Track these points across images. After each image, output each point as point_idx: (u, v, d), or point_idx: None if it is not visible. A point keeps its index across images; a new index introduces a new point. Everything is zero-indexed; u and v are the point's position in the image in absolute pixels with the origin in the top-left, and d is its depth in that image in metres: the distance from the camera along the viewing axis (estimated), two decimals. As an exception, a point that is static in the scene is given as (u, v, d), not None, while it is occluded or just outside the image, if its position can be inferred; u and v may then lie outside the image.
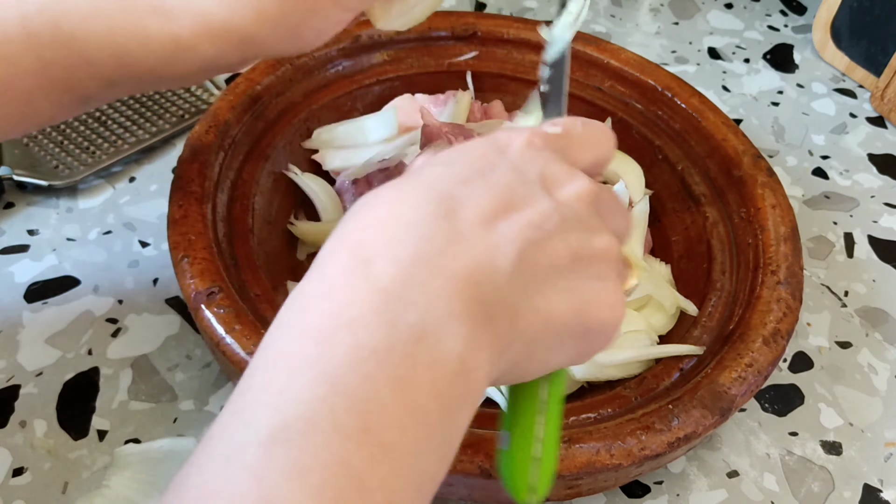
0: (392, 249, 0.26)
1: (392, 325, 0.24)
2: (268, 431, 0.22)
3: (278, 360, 0.24)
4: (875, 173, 0.66)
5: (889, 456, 0.49)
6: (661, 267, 0.52)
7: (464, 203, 0.27)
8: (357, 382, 0.23)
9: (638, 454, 0.39)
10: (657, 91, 0.59)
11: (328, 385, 0.23)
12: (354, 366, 0.23)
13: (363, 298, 0.25)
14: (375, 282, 0.25)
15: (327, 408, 0.23)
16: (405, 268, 0.25)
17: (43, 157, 0.58)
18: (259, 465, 0.22)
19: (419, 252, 0.26)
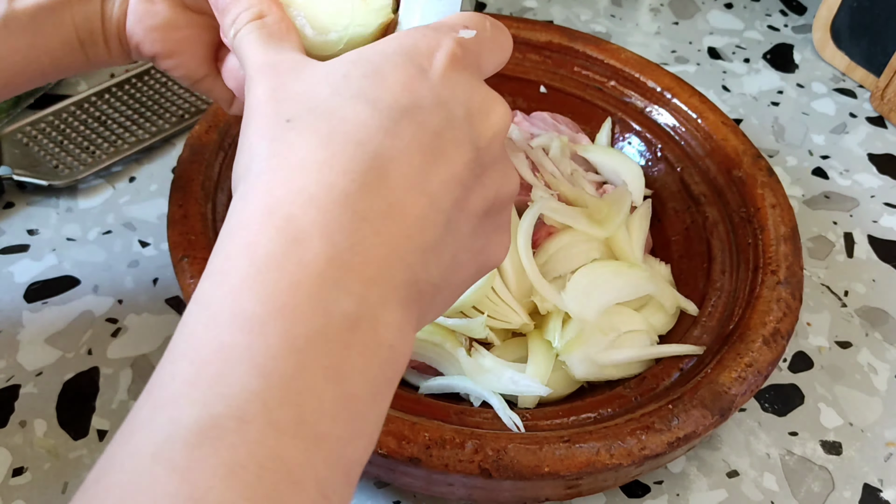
0: (326, 230, 0.24)
1: (326, 312, 0.23)
2: (196, 428, 0.21)
3: (205, 349, 0.23)
4: (875, 173, 0.66)
5: (889, 456, 0.49)
6: (662, 267, 0.52)
7: (394, 163, 0.26)
8: (291, 374, 0.22)
9: (638, 454, 0.39)
10: (657, 91, 0.59)
11: (261, 378, 0.22)
12: (288, 356, 0.22)
13: (296, 283, 0.23)
14: (309, 266, 0.23)
15: (260, 402, 0.22)
16: (340, 253, 0.24)
17: (43, 157, 0.58)
18: (188, 464, 0.21)
19: (353, 234, 0.24)
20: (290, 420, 0.22)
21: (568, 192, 0.53)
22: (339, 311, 0.23)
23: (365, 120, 0.26)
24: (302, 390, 0.22)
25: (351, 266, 0.24)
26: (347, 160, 0.25)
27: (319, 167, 0.25)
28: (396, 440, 0.38)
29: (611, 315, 0.47)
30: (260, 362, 0.22)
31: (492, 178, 0.29)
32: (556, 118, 0.60)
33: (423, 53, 0.28)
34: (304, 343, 0.23)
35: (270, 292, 0.23)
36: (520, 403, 0.45)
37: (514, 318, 0.46)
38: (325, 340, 0.23)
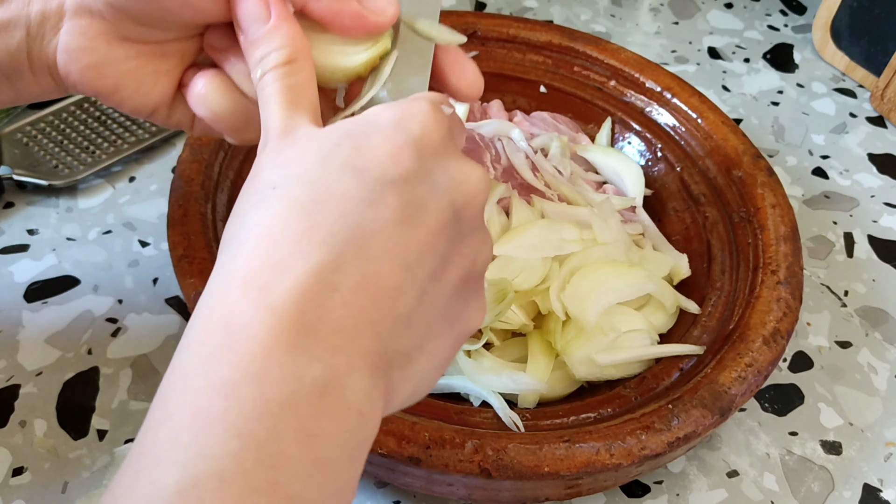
0: (298, 301, 0.25)
1: (297, 378, 0.24)
2: (177, 489, 0.22)
3: (183, 413, 0.23)
4: (875, 173, 0.66)
5: (889, 456, 0.49)
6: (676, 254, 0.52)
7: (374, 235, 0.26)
8: (266, 437, 0.23)
9: (638, 454, 0.39)
10: (657, 91, 0.59)
11: (238, 440, 0.23)
12: (263, 420, 0.23)
13: (268, 351, 0.24)
14: (281, 335, 0.24)
15: (237, 463, 0.22)
16: (310, 322, 0.25)
17: (43, 157, 0.58)
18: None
19: (324, 304, 0.25)
20: (265, 482, 0.23)
21: (568, 192, 0.53)
22: (309, 377, 0.24)
23: (349, 191, 0.27)
24: (276, 453, 0.23)
25: (320, 335, 0.25)
26: (327, 232, 0.26)
27: (298, 238, 0.26)
28: (396, 440, 0.38)
29: (611, 315, 0.47)
30: (236, 425, 0.23)
31: (469, 247, 0.30)
32: (556, 118, 0.60)
33: (414, 121, 0.29)
34: (277, 407, 0.23)
35: (244, 359, 0.24)
36: (520, 403, 0.45)
37: (514, 319, 0.46)
38: (297, 405, 0.24)
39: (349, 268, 0.26)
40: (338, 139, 0.28)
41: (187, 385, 0.24)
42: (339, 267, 0.26)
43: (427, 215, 0.28)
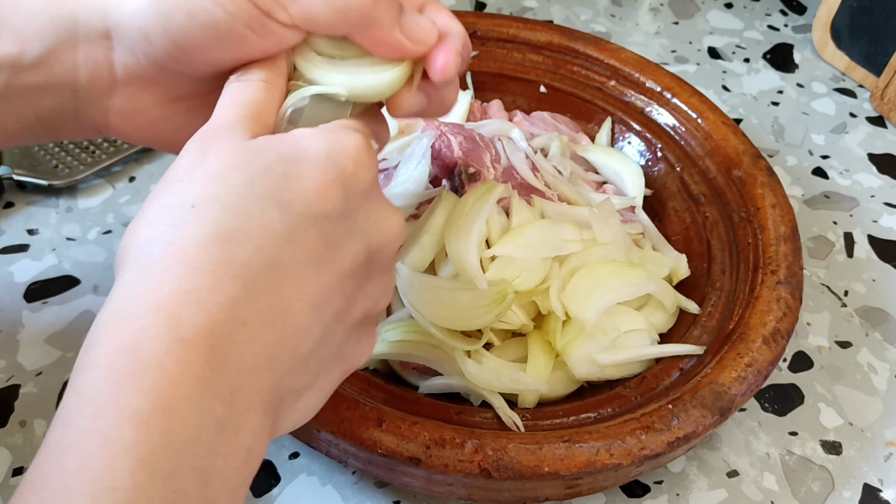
0: (208, 334, 0.25)
1: (201, 414, 0.24)
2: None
3: (92, 443, 0.23)
4: (875, 173, 0.66)
5: (889, 456, 0.49)
6: (676, 254, 0.52)
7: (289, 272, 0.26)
8: (170, 472, 0.23)
9: (638, 454, 0.39)
10: (657, 91, 0.59)
11: (145, 474, 0.22)
12: (169, 454, 0.23)
13: (177, 382, 0.24)
14: (189, 368, 0.24)
15: (144, 498, 0.22)
16: (216, 356, 0.25)
17: (43, 157, 0.58)
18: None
19: (231, 339, 0.25)
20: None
21: (568, 192, 0.53)
22: (212, 413, 0.24)
23: (270, 224, 0.26)
24: (179, 490, 0.23)
25: (225, 370, 0.25)
26: (242, 265, 0.26)
27: (213, 269, 0.25)
28: (396, 440, 0.38)
29: (611, 315, 0.47)
30: (144, 457, 0.23)
31: (375, 288, 0.30)
32: (556, 118, 0.60)
33: (346, 156, 0.29)
34: (181, 443, 0.23)
35: (154, 391, 0.24)
36: (520, 403, 0.45)
37: (514, 319, 0.46)
38: (198, 442, 0.24)
39: (260, 304, 0.26)
40: (266, 163, 0.27)
41: (94, 411, 0.23)
42: (250, 302, 0.26)
43: (342, 256, 0.28)
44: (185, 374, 0.24)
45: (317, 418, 0.39)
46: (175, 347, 0.24)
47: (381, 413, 0.39)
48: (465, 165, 0.50)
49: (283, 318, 0.26)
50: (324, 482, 0.45)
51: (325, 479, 0.45)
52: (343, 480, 0.45)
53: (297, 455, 0.46)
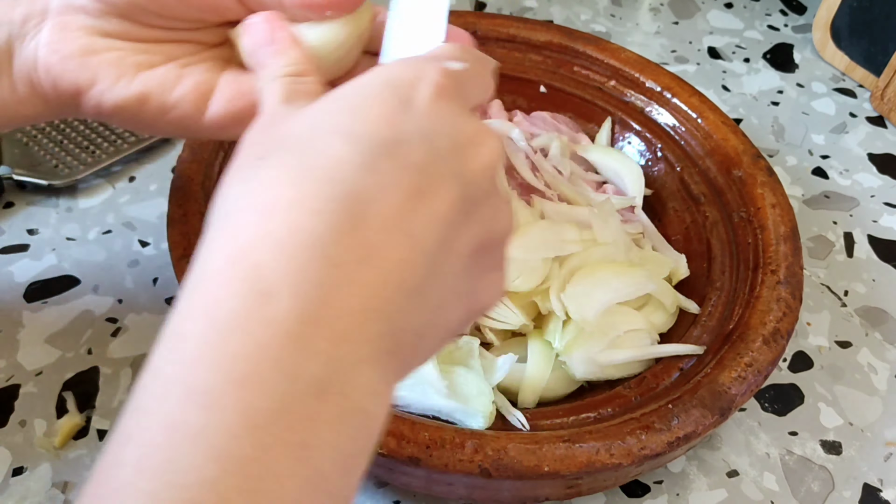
0: (295, 280, 0.22)
1: (292, 380, 0.21)
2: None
3: (155, 429, 0.20)
4: (875, 173, 0.66)
5: (889, 455, 0.49)
6: (676, 255, 0.52)
7: (372, 202, 0.24)
8: (249, 456, 0.20)
9: (638, 454, 0.39)
10: (657, 91, 0.59)
11: (216, 463, 0.20)
12: (247, 435, 0.20)
13: (260, 346, 0.21)
14: (275, 324, 0.21)
15: (215, 493, 0.20)
16: (310, 306, 0.22)
17: (43, 157, 0.58)
18: None
19: (325, 283, 0.22)
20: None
21: (568, 192, 0.53)
22: (307, 376, 0.21)
23: (342, 155, 0.24)
24: (263, 475, 0.20)
25: (322, 321, 0.22)
26: (320, 199, 0.23)
27: (289, 207, 0.23)
28: (396, 440, 0.38)
29: (611, 314, 0.47)
30: (215, 444, 0.20)
31: (482, 216, 0.27)
32: (556, 118, 0.60)
33: (408, 84, 0.27)
34: (266, 419, 0.21)
35: (230, 359, 0.21)
36: (520, 403, 0.45)
37: (514, 319, 0.46)
38: (290, 413, 0.21)
39: (349, 240, 0.23)
40: (327, 106, 0.26)
41: (161, 391, 0.21)
42: (336, 238, 0.23)
43: (430, 183, 0.25)
44: (271, 335, 0.21)
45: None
46: (255, 303, 0.21)
47: (381, 413, 0.39)
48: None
49: (379, 252, 0.23)
50: (324, 482, 0.45)
51: (325, 479, 0.45)
52: (343, 480, 0.45)
53: (297, 455, 0.46)
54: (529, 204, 0.50)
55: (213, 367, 0.21)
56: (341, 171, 0.24)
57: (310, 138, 0.25)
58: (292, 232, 0.22)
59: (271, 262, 0.22)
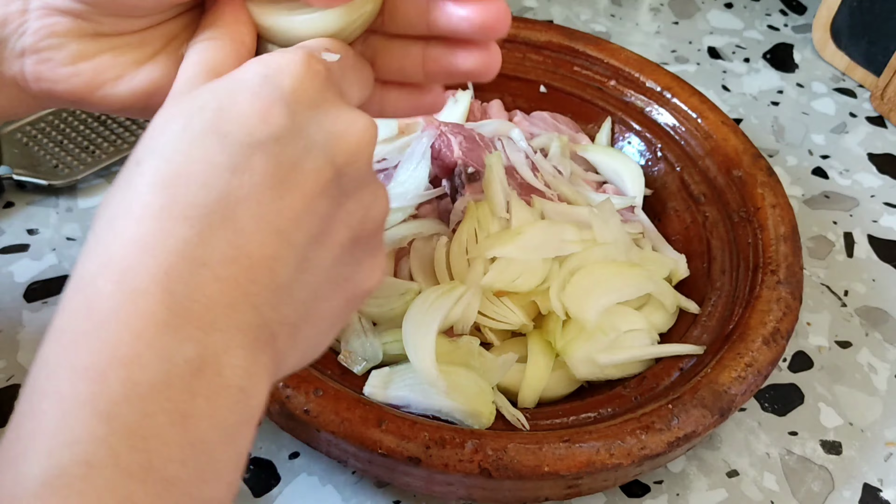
0: (164, 279, 0.24)
1: (168, 359, 0.23)
2: (43, 479, 0.21)
3: (48, 401, 0.22)
4: (875, 173, 0.66)
5: (889, 455, 0.49)
6: (675, 255, 0.52)
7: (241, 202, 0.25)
8: (136, 419, 0.22)
9: (638, 454, 0.39)
10: (657, 91, 0.59)
11: (105, 424, 0.21)
12: (131, 402, 0.22)
13: (136, 334, 0.23)
14: (148, 316, 0.23)
15: (106, 447, 0.21)
16: (179, 301, 0.23)
17: (43, 157, 0.58)
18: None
19: (192, 280, 0.24)
20: (137, 465, 0.22)
21: (568, 192, 0.53)
22: (182, 356, 0.23)
23: (212, 158, 0.25)
24: (148, 436, 0.22)
25: (191, 312, 0.24)
26: (188, 205, 0.24)
27: (158, 214, 0.24)
28: (396, 440, 0.38)
29: (611, 314, 0.47)
30: (103, 409, 0.22)
31: (357, 203, 0.28)
32: (556, 118, 0.60)
33: (283, 74, 0.27)
34: (147, 390, 0.22)
35: (110, 344, 0.23)
36: (520, 403, 0.45)
37: (514, 319, 0.46)
38: (169, 386, 0.23)
39: (216, 241, 0.24)
40: (202, 102, 0.26)
41: (50, 373, 0.23)
42: (204, 241, 0.24)
43: (301, 176, 0.26)
44: (144, 324, 0.23)
45: (317, 418, 0.39)
46: (129, 300, 0.23)
47: (382, 413, 0.39)
48: (465, 165, 0.50)
49: (247, 250, 0.25)
50: (324, 482, 0.45)
51: (325, 479, 0.45)
52: (343, 480, 0.45)
53: (297, 455, 0.46)
54: (529, 204, 0.50)
55: (96, 351, 0.23)
56: (212, 175, 0.25)
57: (184, 142, 0.25)
58: (160, 237, 0.24)
59: (139, 266, 0.24)
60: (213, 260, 0.24)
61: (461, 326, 0.45)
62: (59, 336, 0.23)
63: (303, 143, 0.26)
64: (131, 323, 0.23)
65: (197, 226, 0.24)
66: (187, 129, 0.26)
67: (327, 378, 0.41)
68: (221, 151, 0.25)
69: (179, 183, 0.25)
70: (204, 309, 0.24)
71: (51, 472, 0.21)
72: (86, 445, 0.21)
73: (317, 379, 0.40)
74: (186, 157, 0.25)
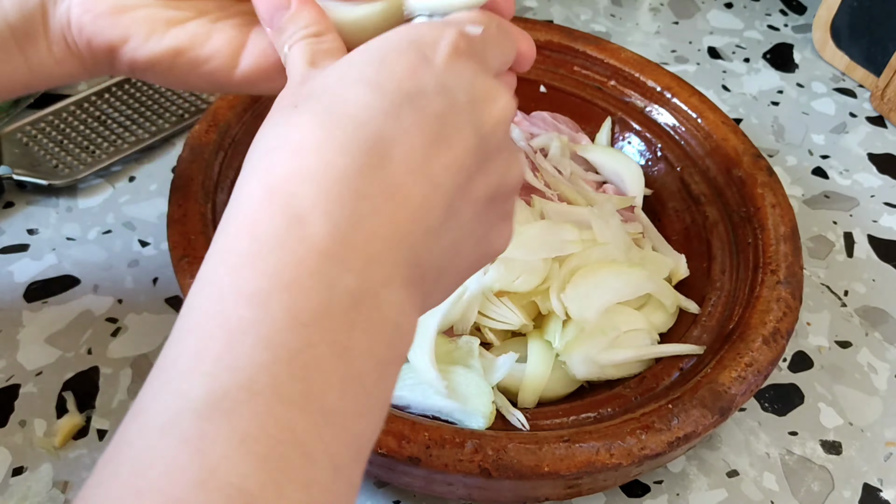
0: (327, 207, 0.24)
1: (330, 288, 0.23)
2: (206, 400, 0.21)
3: (211, 324, 0.23)
4: (875, 173, 0.66)
5: (889, 455, 0.49)
6: (675, 255, 0.52)
7: (396, 145, 0.26)
8: (297, 348, 0.22)
9: (638, 453, 0.39)
10: (657, 91, 0.59)
11: (268, 351, 0.22)
12: (294, 330, 0.23)
13: (299, 260, 0.23)
14: (311, 243, 0.24)
15: (268, 375, 0.22)
16: (341, 230, 0.24)
17: (43, 157, 0.58)
18: (199, 435, 0.21)
19: (354, 211, 0.24)
20: (298, 393, 0.22)
21: (568, 192, 0.53)
22: (343, 287, 0.24)
23: (367, 102, 0.26)
24: (309, 364, 0.22)
25: (353, 243, 0.24)
26: (347, 140, 0.25)
27: (319, 146, 0.25)
28: (396, 440, 0.38)
29: (611, 314, 0.47)
30: (266, 336, 0.22)
31: (496, 166, 0.29)
32: (556, 118, 0.60)
33: (428, 43, 0.29)
34: (310, 318, 0.23)
35: (273, 269, 0.23)
36: (520, 403, 0.45)
37: (514, 319, 0.46)
38: (330, 316, 0.23)
39: (374, 177, 0.25)
40: (353, 59, 0.28)
41: (214, 294, 0.23)
42: (364, 175, 0.25)
43: (448, 132, 0.27)
44: (307, 251, 0.23)
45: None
46: (292, 225, 0.24)
47: (381, 413, 0.39)
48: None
49: (402, 190, 0.26)
50: (324, 482, 0.45)
51: (325, 479, 0.45)
52: (343, 480, 0.45)
53: (297, 455, 0.46)
54: (529, 204, 0.50)
55: (259, 274, 0.23)
56: (367, 116, 0.26)
57: (337, 88, 0.27)
58: (322, 167, 0.25)
59: (305, 191, 0.24)
60: (373, 193, 0.25)
61: (461, 326, 0.45)
62: (226, 256, 0.24)
63: (447, 101, 0.28)
64: (295, 249, 0.23)
65: (358, 160, 0.25)
66: (342, 79, 0.27)
67: (327, 378, 0.41)
68: (374, 97, 0.26)
69: (337, 121, 0.26)
70: (365, 241, 0.24)
71: (214, 395, 0.21)
72: (249, 372, 0.22)
73: (317, 379, 0.40)
74: (343, 100, 0.26)
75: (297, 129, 0.26)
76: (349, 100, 0.26)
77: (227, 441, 0.21)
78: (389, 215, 0.25)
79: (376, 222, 0.25)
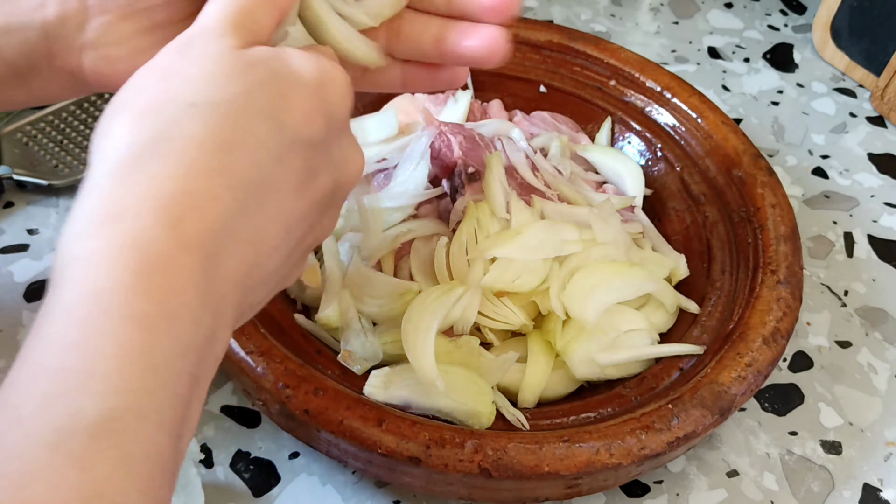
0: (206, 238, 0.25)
1: (196, 324, 0.24)
2: (99, 420, 0.22)
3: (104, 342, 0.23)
4: (875, 173, 0.66)
5: (889, 455, 0.49)
6: (675, 255, 0.52)
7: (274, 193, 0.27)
8: (174, 378, 0.24)
9: (637, 453, 0.39)
10: (657, 91, 0.59)
11: (155, 378, 0.23)
12: (174, 360, 0.24)
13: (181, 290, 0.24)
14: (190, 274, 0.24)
15: (155, 400, 0.23)
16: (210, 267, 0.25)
17: (43, 157, 0.58)
18: (87, 454, 0.21)
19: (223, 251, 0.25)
20: (174, 421, 0.24)
21: (568, 192, 0.53)
22: (204, 324, 0.25)
23: (266, 141, 0.27)
24: (178, 394, 0.24)
25: (213, 282, 0.25)
26: (238, 177, 0.26)
27: (212, 176, 0.25)
28: (396, 440, 0.38)
29: (611, 315, 0.47)
30: (155, 362, 0.23)
31: (329, 220, 0.32)
32: (556, 118, 0.60)
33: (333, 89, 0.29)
34: (183, 350, 0.24)
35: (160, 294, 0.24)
36: (520, 403, 0.45)
37: (514, 319, 0.46)
38: (193, 350, 0.24)
39: (248, 220, 0.26)
40: (263, 77, 0.28)
41: (105, 310, 0.23)
42: (240, 217, 0.26)
43: (316, 184, 0.29)
44: (187, 282, 0.24)
45: (317, 418, 0.39)
46: (178, 252, 0.24)
47: (382, 413, 0.39)
48: (464, 165, 0.50)
49: (263, 236, 0.27)
50: (324, 482, 0.45)
51: (325, 479, 0.45)
52: (343, 480, 0.45)
53: (297, 455, 0.46)
54: (529, 204, 0.50)
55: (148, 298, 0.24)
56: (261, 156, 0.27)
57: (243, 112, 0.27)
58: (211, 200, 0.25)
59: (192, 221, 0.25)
60: (240, 237, 0.26)
61: (461, 326, 0.45)
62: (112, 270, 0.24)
63: (326, 156, 0.29)
64: (177, 278, 0.24)
65: (240, 200, 0.26)
66: (248, 100, 0.27)
67: (327, 378, 0.41)
68: (274, 138, 0.27)
69: (235, 151, 0.26)
70: (222, 281, 0.25)
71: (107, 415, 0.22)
72: (139, 396, 0.22)
73: (317, 379, 0.40)
74: (244, 129, 0.26)
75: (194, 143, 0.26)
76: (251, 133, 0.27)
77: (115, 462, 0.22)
78: (242, 259, 0.26)
79: (232, 264, 0.26)
